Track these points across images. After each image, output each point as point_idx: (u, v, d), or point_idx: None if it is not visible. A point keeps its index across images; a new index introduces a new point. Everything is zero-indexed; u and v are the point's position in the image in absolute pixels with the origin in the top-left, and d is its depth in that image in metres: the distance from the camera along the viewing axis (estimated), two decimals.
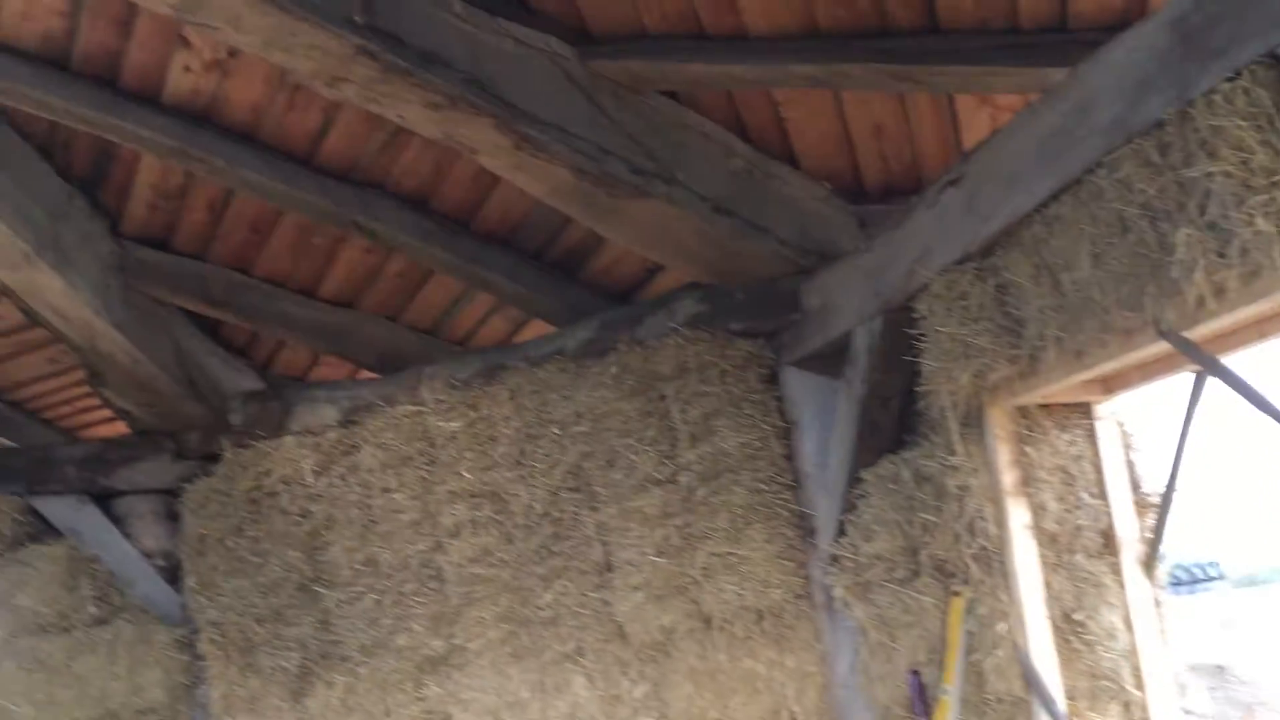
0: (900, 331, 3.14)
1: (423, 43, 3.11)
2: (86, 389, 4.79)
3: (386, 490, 4.21)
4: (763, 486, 3.76)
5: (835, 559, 3.57)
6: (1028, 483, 2.97)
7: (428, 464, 4.18)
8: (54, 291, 3.84)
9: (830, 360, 3.62)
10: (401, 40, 3.07)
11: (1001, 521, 2.94)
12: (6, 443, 5.04)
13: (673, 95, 3.52)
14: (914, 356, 3.07)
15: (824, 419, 3.69)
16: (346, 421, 4.37)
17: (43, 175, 3.83)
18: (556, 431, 3.99)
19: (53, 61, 3.48)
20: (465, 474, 4.09)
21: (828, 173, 3.68)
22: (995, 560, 2.95)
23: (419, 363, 4.45)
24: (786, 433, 3.81)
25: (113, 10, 3.32)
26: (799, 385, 3.80)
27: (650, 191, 3.43)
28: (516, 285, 4.35)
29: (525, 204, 4.04)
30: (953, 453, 3.02)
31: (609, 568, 3.91)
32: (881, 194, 3.72)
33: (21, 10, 3.31)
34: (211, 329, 4.72)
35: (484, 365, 4.25)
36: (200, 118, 3.70)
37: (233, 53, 3.43)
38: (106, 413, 5.00)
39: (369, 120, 3.69)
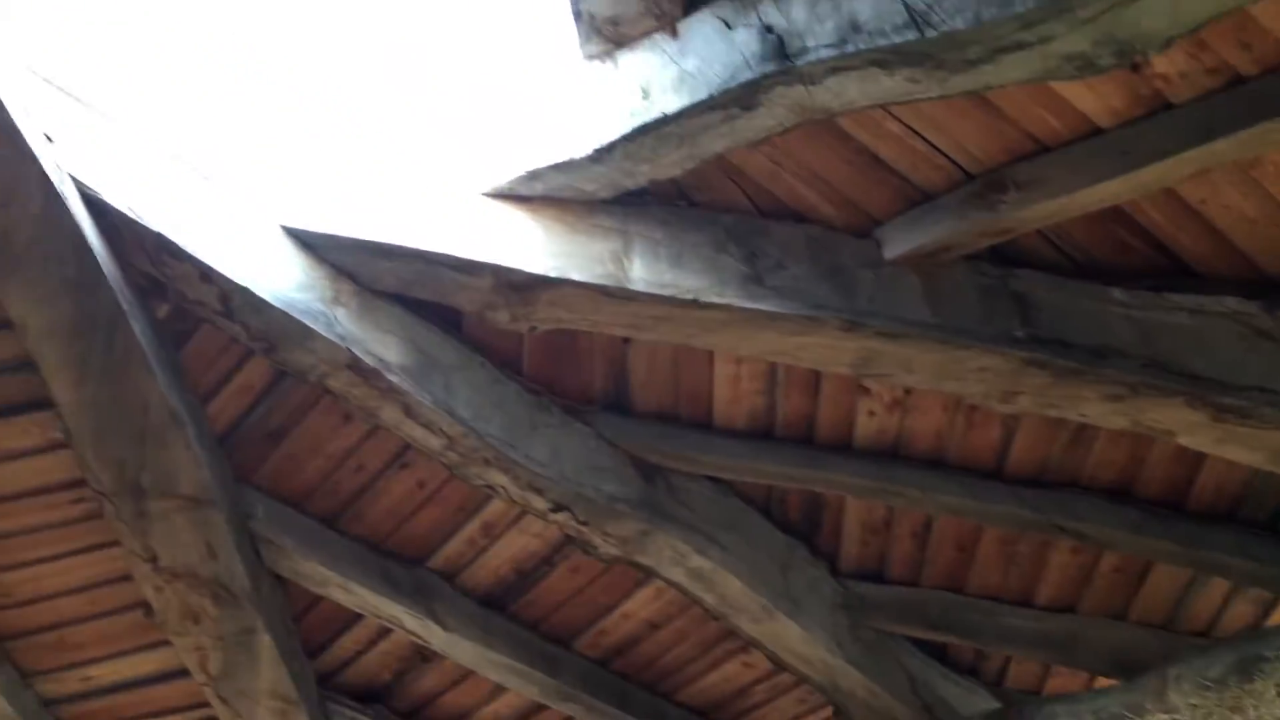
0: None
1: (1089, 339, 3.09)
2: None
3: None
4: None
5: None
6: None
7: None
8: (793, 638, 4.20)
9: None
10: (1066, 342, 3.08)
11: None
12: None
13: None
14: None
15: None
16: None
17: (767, 533, 4.28)
18: None
19: (758, 433, 3.96)
20: None
21: None
22: None
23: (1158, 662, 4.05)
24: None
25: (801, 380, 3.75)
26: None
27: None
28: (1251, 562, 3.88)
29: (1242, 472, 3.68)
30: None
31: None
32: None
33: (729, 397, 3.87)
34: (938, 652, 4.77)
35: (1236, 659, 3.75)
36: (889, 454, 3.93)
37: (908, 391, 3.66)
38: None
39: (1050, 423, 3.66)
